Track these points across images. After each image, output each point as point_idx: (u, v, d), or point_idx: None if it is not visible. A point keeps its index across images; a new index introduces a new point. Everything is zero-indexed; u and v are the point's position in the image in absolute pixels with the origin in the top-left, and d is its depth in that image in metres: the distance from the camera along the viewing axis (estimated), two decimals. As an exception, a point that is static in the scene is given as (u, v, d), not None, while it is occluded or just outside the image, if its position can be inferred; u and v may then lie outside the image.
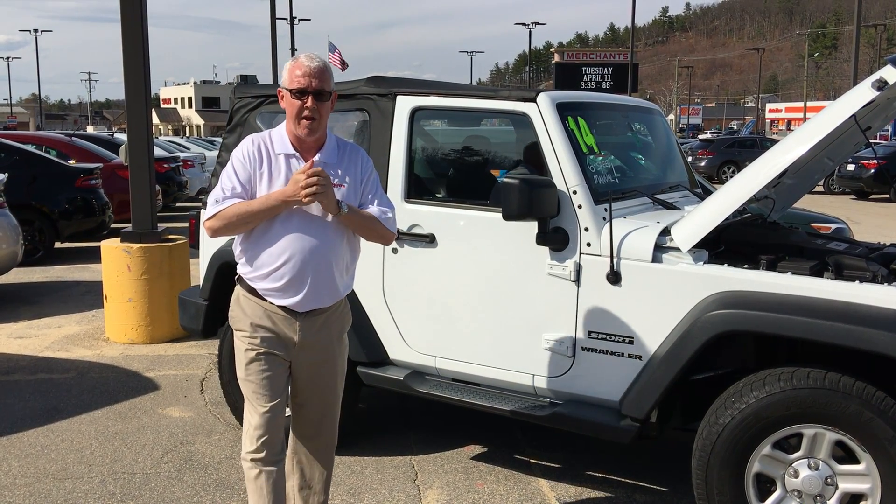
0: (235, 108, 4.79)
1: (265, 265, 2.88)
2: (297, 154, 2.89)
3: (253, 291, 2.94)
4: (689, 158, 25.16)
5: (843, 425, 3.06)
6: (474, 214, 3.91)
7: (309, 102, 2.80)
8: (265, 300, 2.92)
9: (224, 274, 4.62)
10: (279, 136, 2.92)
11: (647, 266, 3.49)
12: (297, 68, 2.82)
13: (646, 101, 5.16)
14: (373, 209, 2.95)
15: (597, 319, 3.61)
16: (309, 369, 3.04)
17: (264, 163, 2.87)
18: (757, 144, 27.62)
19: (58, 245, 10.91)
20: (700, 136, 44.12)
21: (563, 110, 3.80)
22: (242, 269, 2.97)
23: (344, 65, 31.18)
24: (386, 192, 3.68)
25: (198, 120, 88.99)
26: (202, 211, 4.93)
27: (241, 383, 3.01)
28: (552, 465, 4.31)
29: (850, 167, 20.99)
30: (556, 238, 3.65)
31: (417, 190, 4.13)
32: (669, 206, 4.03)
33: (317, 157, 2.88)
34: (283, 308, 2.91)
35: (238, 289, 3.03)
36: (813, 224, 6.84)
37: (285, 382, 3.02)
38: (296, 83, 2.80)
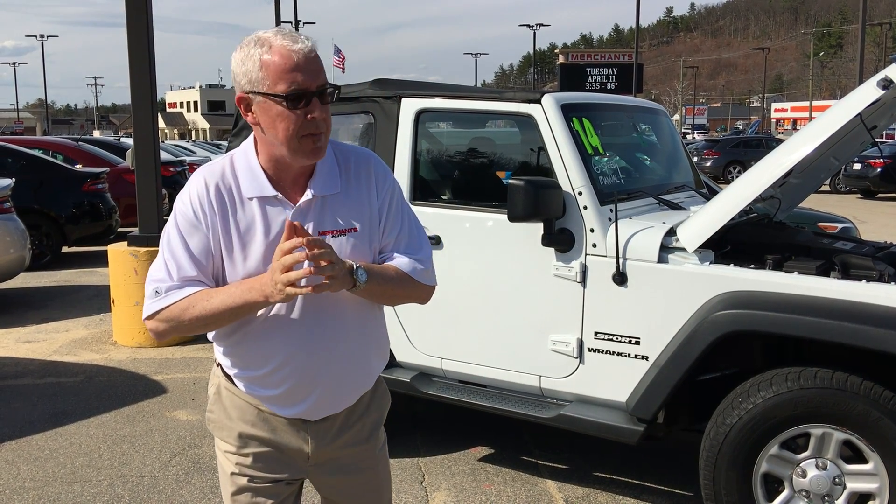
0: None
1: (251, 366, 1.92)
2: (280, 194, 1.86)
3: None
4: (695, 158, 25.11)
5: (851, 425, 3.06)
6: (480, 216, 3.92)
7: (318, 112, 1.78)
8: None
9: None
10: (246, 170, 1.87)
11: (653, 266, 3.49)
12: (283, 59, 1.75)
13: (651, 101, 5.16)
14: (400, 260, 1.96)
15: (603, 320, 3.61)
16: (335, 487, 2.11)
17: (229, 215, 1.84)
18: (763, 144, 27.57)
19: (65, 249, 10.95)
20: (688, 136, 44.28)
21: (568, 111, 3.80)
22: (222, 360, 1.99)
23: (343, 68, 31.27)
24: None
25: (203, 124, 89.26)
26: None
27: None
28: (559, 466, 4.31)
29: (857, 166, 20.95)
30: (561, 239, 3.65)
31: (423, 192, 4.14)
32: (675, 207, 4.03)
33: (308, 194, 1.86)
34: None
35: (217, 375, 2.03)
36: (819, 223, 6.83)
37: None
38: (288, 83, 1.75)
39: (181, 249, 1.85)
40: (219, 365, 2.03)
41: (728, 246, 3.77)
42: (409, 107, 4.13)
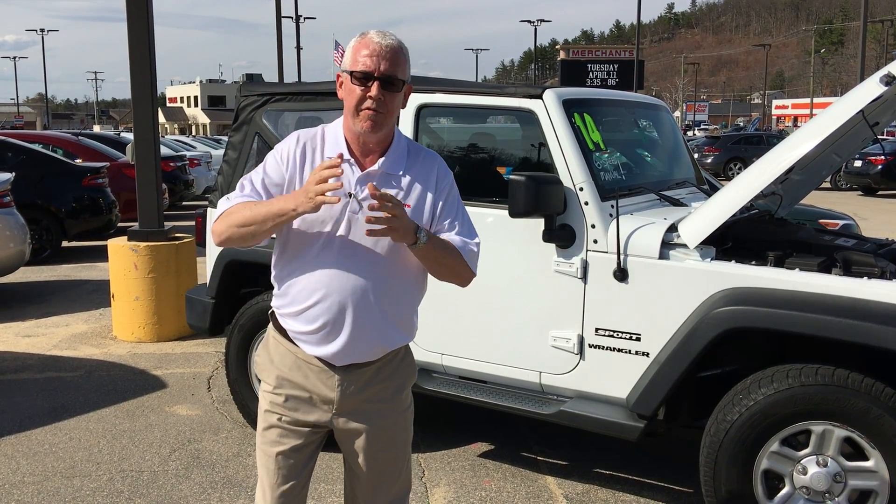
0: (241, 106, 4.79)
1: (297, 300, 2.25)
2: (353, 159, 2.24)
3: (284, 332, 2.32)
4: (696, 155, 25.10)
5: (852, 422, 3.05)
6: (480, 212, 3.90)
7: (374, 91, 2.15)
8: (297, 346, 2.31)
9: (231, 272, 4.63)
10: (333, 135, 2.28)
11: (655, 263, 3.48)
12: (364, 47, 2.17)
13: (652, 97, 5.14)
14: (454, 238, 2.27)
15: (604, 316, 3.60)
16: (355, 439, 2.35)
17: (307, 168, 2.24)
18: (763, 141, 27.57)
19: (65, 244, 10.94)
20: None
21: (570, 107, 3.79)
22: (275, 301, 2.35)
23: None
24: None
25: (204, 119, 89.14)
26: (209, 209, 4.97)
27: (257, 448, 2.41)
28: (559, 462, 4.31)
29: (858, 163, 20.92)
30: (562, 235, 3.64)
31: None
32: (676, 203, 4.02)
33: (376, 166, 2.23)
34: (318, 358, 2.28)
35: (269, 327, 2.41)
36: (820, 220, 6.82)
37: (307, 460, 2.38)
38: (360, 65, 2.15)
39: (259, 176, 2.26)
40: (271, 318, 2.37)
41: (729, 242, 3.77)
42: (410, 102, 4.11)
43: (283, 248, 2.29)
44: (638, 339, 3.52)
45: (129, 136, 15.52)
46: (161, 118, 68.59)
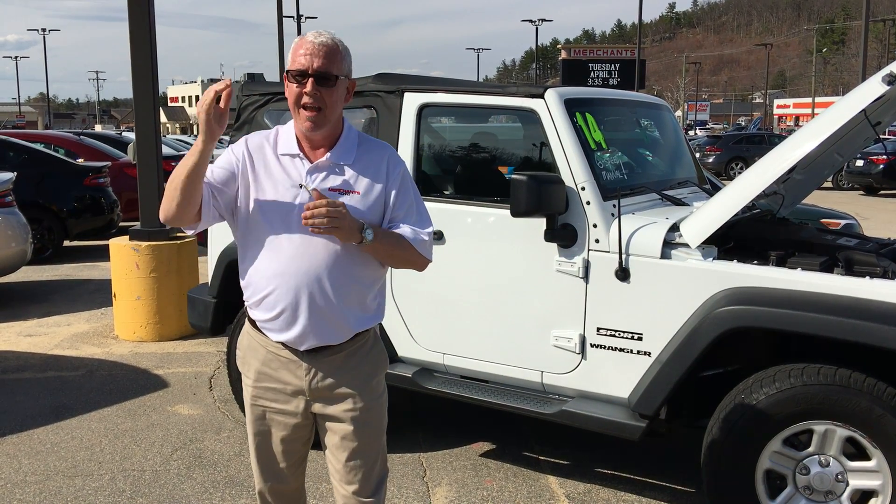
0: (243, 105, 4.80)
1: (257, 290, 2.37)
2: (302, 154, 2.36)
3: (255, 324, 2.44)
4: (697, 154, 25.07)
5: (854, 422, 3.05)
6: (482, 211, 3.91)
7: (308, 87, 2.23)
8: (266, 336, 2.41)
9: (232, 271, 4.63)
10: (285, 135, 2.40)
11: (656, 262, 3.48)
12: (300, 46, 2.27)
13: (654, 96, 5.14)
14: (404, 229, 2.37)
15: (605, 316, 3.60)
16: (331, 426, 2.46)
17: (258, 166, 2.35)
18: (765, 140, 27.54)
19: (66, 243, 10.94)
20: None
21: (572, 106, 3.79)
22: (244, 294, 2.46)
23: None
24: None
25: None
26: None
27: (248, 437, 2.56)
28: (561, 461, 4.30)
29: (859, 163, 20.90)
30: (564, 234, 3.64)
31: (425, 187, 4.12)
32: (678, 202, 4.01)
33: (325, 157, 2.33)
34: (284, 345, 2.39)
35: (246, 323, 2.53)
36: (822, 220, 6.82)
37: (299, 446, 2.53)
38: (296, 63, 2.26)
39: (211, 166, 2.34)
40: (246, 312, 2.47)
41: (731, 242, 3.76)
42: (412, 101, 4.11)
43: (244, 241, 2.40)
44: (640, 339, 3.52)
45: (131, 135, 15.50)
46: (162, 118, 68.50)
